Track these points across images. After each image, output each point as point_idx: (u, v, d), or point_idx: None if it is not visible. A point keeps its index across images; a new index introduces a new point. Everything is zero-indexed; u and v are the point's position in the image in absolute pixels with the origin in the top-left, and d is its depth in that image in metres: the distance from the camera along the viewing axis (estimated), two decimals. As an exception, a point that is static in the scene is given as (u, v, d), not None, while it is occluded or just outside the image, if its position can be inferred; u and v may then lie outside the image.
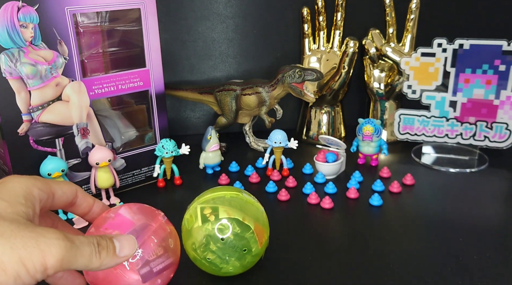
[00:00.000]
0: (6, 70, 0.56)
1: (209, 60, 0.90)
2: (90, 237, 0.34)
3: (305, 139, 0.91)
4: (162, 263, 0.42)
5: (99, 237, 0.35)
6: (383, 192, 0.70)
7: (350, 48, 0.82)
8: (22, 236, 0.30)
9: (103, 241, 0.35)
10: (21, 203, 0.33)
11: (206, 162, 0.76)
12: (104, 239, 0.35)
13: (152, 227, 0.43)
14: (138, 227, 0.42)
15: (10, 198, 0.33)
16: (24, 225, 0.31)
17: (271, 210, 0.62)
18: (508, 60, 0.73)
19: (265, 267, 0.52)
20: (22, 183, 0.35)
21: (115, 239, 0.36)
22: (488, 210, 0.65)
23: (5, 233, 0.29)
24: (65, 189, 0.40)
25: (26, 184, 0.35)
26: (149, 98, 0.70)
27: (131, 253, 0.37)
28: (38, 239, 0.30)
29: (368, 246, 0.56)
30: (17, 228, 0.30)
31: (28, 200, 0.34)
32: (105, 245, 0.35)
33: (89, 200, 0.42)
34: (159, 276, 0.43)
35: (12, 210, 0.32)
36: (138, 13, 0.66)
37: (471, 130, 0.78)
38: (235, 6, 0.88)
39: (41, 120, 0.60)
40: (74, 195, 0.41)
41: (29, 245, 0.29)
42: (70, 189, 0.40)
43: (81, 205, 0.42)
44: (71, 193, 0.40)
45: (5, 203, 0.32)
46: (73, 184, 0.42)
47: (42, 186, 0.37)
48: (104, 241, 0.35)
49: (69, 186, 0.41)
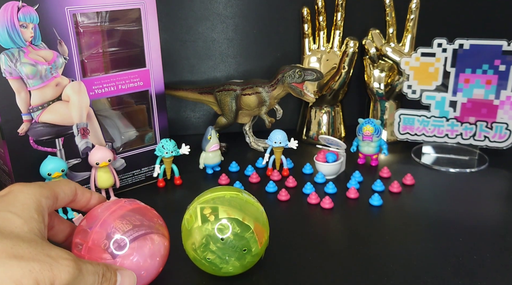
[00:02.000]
0: (6, 70, 0.56)
1: (209, 60, 0.90)
2: (97, 266, 0.37)
3: (305, 139, 0.91)
4: (130, 236, 0.43)
5: (106, 268, 0.38)
6: (383, 192, 0.70)
7: (350, 48, 0.82)
8: (39, 260, 0.32)
9: (108, 273, 0.38)
10: (34, 218, 0.35)
11: (206, 162, 0.76)
12: (109, 271, 0.38)
13: (111, 208, 0.45)
14: (99, 212, 0.45)
15: (23, 213, 0.35)
16: (41, 247, 0.33)
17: (271, 210, 0.62)
18: (508, 60, 0.73)
19: (265, 267, 0.52)
20: (31, 193, 0.37)
21: (119, 273, 0.39)
22: (488, 210, 0.65)
23: (24, 256, 0.32)
24: (66, 189, 0.41)
25: (35, 195, 0.37)
26: (149, 98, 0.70)
27: None
28: (52, 264, 0.32)
29: (368, 246, 0.56)
30: (34, 251, 0.32)
31: (39, 214, 0.36)
32: (109, 277, 0.38)
33: (87, 194, 0.44)
34: (142, 267, 0.44)
35: (29, 229, 0.34)
36: (138, 13, 0.66)
37: (471, 130, 0.78)
38: (235, 6, 0.88)
39: (41, 120, 0.60)
40: (74, 193, 0.43)
41: (44, 269, 0.32)
42: (70, 189, 0.42)
43: (80, 200, 0.44)
44: (71, 192, 0.42)
45: (21, 220, 0.34)
46: (72, 182, 0.43)
47: (48, 194, 0.38)
48: (109, 273, 0.38)
49: (69, 185, 0.42)
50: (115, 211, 0.45)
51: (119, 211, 0.45)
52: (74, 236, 0.45)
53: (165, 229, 0.48)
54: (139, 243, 0.44)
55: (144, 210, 0.47)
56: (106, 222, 0.43)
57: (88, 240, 0.43)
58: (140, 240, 0.44)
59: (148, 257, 0.44)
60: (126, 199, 0.47)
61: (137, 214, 0.45)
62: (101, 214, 0.44)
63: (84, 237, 0.43)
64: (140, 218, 0.45)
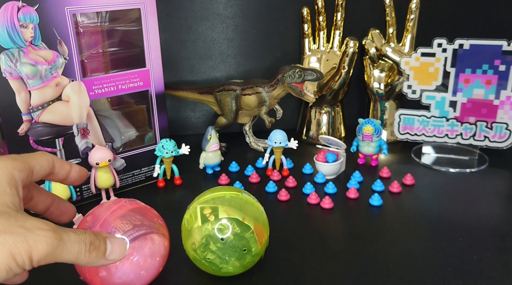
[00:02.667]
0: (6, 70, 0.56)
1: (209, 60, 0.90)
2: (82, 234, 0.35)
3: (305, 139, 0.91)
4: (131, 236, 0.43)
5: (94, 235, 0.36)
6: (383, 192, 0.70)
7: (350, 48, 0.82)
8: (12, 232, 0.31)
9: (96, 240, 0.36)
10: (6, 192, 0.34)
11: (206, 162, 0.76)
12: (98, 238, 0.36)
13: (111, 208, 0.45)
14: (99, 212, 0.45)
15: None
16: (14, 219, 0.32)
17: (271, 210, 0.62)
18: (508, 60, 0.73)
19: (265, 267, 0.52)
20: (2, 167, 0.35)
21: (108, 240, 0.37)
22: (488, 210, 0.65)
23: None
24: (41, 162, 0.39)
25: (6, 168, 0.35)
26: (149, 98, 0.70)
27: (119, 258, 0.38)
28: (27, 235, 0.31)
29: (368, 246, 0.56)
30: (7, 223, 0.31)
31: (12, 187, 0.35)
32: (97, 244, 0.36)
33: (66, 166, 0.42)
34: (142, 267, 0.44)
35: (1, 202, 0.33)
36: (138, 13, 0.66)
37: (471, 130, 0.78)
38: (235, 6, 0.88)
39: (41, 120, 0.60)
40: (51, 165, 0.41)
41: (18, 241, 0.30)
42: (47, 161, 0.40)
43: (59, 173, 0.42)
44: (48, 165, 0.40)
45: None
46: (48, 154, 0.41)
47: (21, 166, 0.37)
48: (97, 240, 0.36)
49: (45, 157, 0.40)
50: (115, 210, 0.45)
51: (119, 210, 0.45)
52: None
53: (165, 229, 0.48)
54: (139, 242, 0.44)
55: (144, 210, 0.47)
56: (106, 221, 0.43)
57: None
58: (140, 239, 0.44)
59: (148, 257, 0.44)
60: (126, 199, 0.47)
61: (137, 214, 0.45)
62: (101, 213, 0.44)
63: None
64: (140, 218, 0.45)
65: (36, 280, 0.51)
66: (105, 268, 0.43)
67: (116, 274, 0.43)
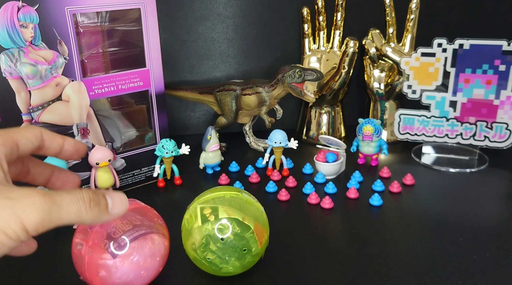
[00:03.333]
0: (6, 70, 0.56)
1: (209, 60, 0.90)
2: (77, 193, 0.33)
3: (305, 139, 0.91)
4: (131, 236, 0.44)
5: (91, 192, 0.34)
6: (383, 192, 0.70)
7: (350, 48, 0.82)
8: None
9: (96, 196, 0.34)
10: None
11: (206, 162, 0.76)
12: (97, 194, 0.34)
13: None
14: None
15: None
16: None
17: (271, 210, 0.62)
18: (508, 60, 0.73)
19: (265, 267, 0.52)
20: None
21: (107, 196, 0.35)
22: (488, 210, 0.65)
23: None
24: (27, 135, 0.37)
25: None
26: (149, 98, 0.70)
27: (122, 211, 0.36)
28: (14, 206, 0.29)
29: (368, 246, 0.56)
30: None
31: None
32: (97, 200, 0.34)
33: (58, 139, 0.40)
34: (142, 267, 0.44)
35: None
36: (138, 13, 0.66)
37: (471, 130, 0.78)
38: (235, 6, 0.88)
39: (41, 120, 0.60)
40: (40, 138, 0.38)
41: (4, 214, 0.29)
42: (34, 134, 0.38)
43: (51, 147, 0.40)
44: (35, 138, 0.38)
45: None
46: (36, 127, 0.39)
47: (3, 141, 0.35)
48: (97, 196, 0.34)
49: (32, 130, 0.38)
50: None
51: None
52: (74, 236, 0.45)
53: (165, 229, 0.48)
54: (139, 242, 0.44)
55: (144, 209, 0.47)
56: (106, 223, 0.43)
57: (88, 239, 0.43)
58: (141, 239, 0.44)
59: (148, 257, 0.44)
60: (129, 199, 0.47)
61: (137, 214, 0.45)
62: None
63: (85, 237, 0.43)
64: (140, 218, 0.45)
65: (36, 280, 0.51)
66: (105, 268, 0.43)
67: (116, 274, 0.43)
